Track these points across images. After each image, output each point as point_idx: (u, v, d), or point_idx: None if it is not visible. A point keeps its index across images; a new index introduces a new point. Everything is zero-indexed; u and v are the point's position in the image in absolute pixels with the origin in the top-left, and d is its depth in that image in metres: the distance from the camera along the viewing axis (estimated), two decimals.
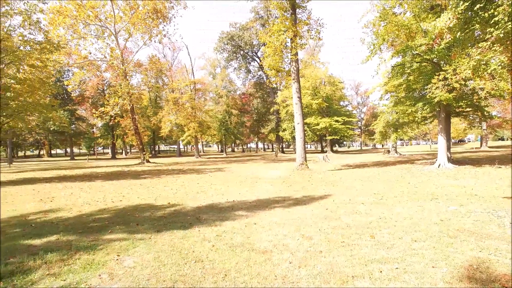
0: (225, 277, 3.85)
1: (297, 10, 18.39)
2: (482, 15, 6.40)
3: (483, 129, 43.92)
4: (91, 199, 10.19)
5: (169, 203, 9.25)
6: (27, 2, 16.14)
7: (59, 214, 7.89)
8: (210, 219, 6.92)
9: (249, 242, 5.20)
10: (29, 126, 25.25)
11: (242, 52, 53.31)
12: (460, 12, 6.44)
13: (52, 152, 77.37)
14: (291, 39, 18.16)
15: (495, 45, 7.14)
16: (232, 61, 55.16)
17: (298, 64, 19.34)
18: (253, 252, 4.70)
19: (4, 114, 19.45)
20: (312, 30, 18.58)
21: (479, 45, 7.71)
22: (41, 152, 69.21)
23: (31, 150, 74.11)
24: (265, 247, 4.93)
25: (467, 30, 7.10)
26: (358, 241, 5.11)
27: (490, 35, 6.73)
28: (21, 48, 16.85)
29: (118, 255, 4.64)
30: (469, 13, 6.71)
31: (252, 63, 56.94)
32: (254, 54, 54.55)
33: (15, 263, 4.34)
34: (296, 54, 18.49)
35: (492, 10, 6.26)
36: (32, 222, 7.08)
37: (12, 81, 18.78)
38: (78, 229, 6.31)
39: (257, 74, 57.99)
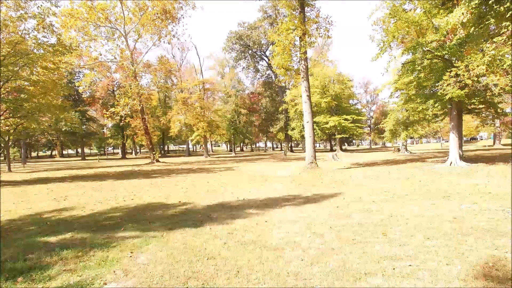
0: (237, 273, 3.88)
1: (306, 8, 18.29)
2: (497, 9, 6.25)
3: (496, 127, 43.01)
4: (103, 198, 10.35)
5: (180, 201, 9.34)
6: (41, 6, 16.46)
7: (72, 213, 8.04)
8: (221, 217, 6.96)
9: (260, 240, 5.21)
10: (42, 127, 25.80)
11: (250, 51, 53.37)
12: (474, 6, 6.31)
13: (64, 152, 78.77)
14: (300, 37, 18.09)
15: (510, 40, 6.98)
16: (241, 61, 55.29)
17: (307, 63, 19.25)
18: (265, 249, 4.71)
19: (18, 115, 19.91)
20: (321, 28, 18.47)
21: (494, 40, 7.53)
22: (53, 153, 70.56)
23: (43, 150, 75.59)
24: (277, 244, 4.94)
25: (481, 25, 6.95)
26: (370, 238, 5.07)
27: (506, 30, 6.57)
28: (35, 50, 17.19)
29: (131, 252, 4.71)
30: (483, 7, 6.59)
31: (260, 62, 57.06)
32: (263, 53, 54.56)
33: (33, 259, 4.45)
34: (305, 52, 18.40)
35: (508, 4, 6.10)
36: (47, 220, 7.24)
37: (26, 83, 19.21)
38: (92, 227, 6.43)
39: (265, 74, 58.05)
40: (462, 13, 6.52)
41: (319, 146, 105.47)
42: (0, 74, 16.05)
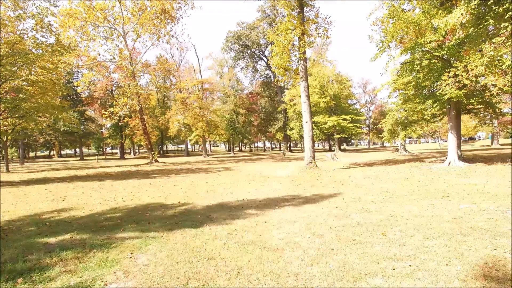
0: (238, 274, 3.88)
1: (305, 8, 18.28)
2: (496, 9, 6.28)
3: (494, 127, 43.16)
4: (102, 199, 10.33)
5: (179, 202, 9.33)
6: (40, 5, 16.41)
7: (71, 213, 8.02)
8: (220, 218, 6.96)
9: (260, 240, 5.22)
10: (41, 127, 25.72)
11: (249, 51, 53.41)
12: (473, 7, 6.33)
13: (62, 152, 78.57)
14: (299, 37, 18.09)
15: (509, 40, 7.00)
16: (239, 61, 55.33)
17: (306, 63, 19.24)
18: (265, 250, 4.72)
19: (16, 115, 19.85)
20: (320, 28, 18.45)
21: (493, 40, 7.55)
22: (52, 153, 70.39)
23: (41, 150, 75.36)
24: (277, 245, 4.95)
25: (480, 26, 6.98)
26: (370, 238, 5.09)
27: (504, 30, 6.59)
28: (33, 50, 17.13)
29: (131, 253, 4.71)
30: (482, 8, 6.61)
31: (259, 62, 57.14)
32: (261, 53, 54.58)
33: (33, 260, 4.44)
34: (304, 52, 18.39)
35: (507, 4, 6.12)
36: (46, 220, 7.22)
37: (24, 83, 19.15)
38: (91, 227, 6.42)
39: (264, 73, 58.09)
40: (462, 14, 6.54)
41: (318, 146, 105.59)
42: None
